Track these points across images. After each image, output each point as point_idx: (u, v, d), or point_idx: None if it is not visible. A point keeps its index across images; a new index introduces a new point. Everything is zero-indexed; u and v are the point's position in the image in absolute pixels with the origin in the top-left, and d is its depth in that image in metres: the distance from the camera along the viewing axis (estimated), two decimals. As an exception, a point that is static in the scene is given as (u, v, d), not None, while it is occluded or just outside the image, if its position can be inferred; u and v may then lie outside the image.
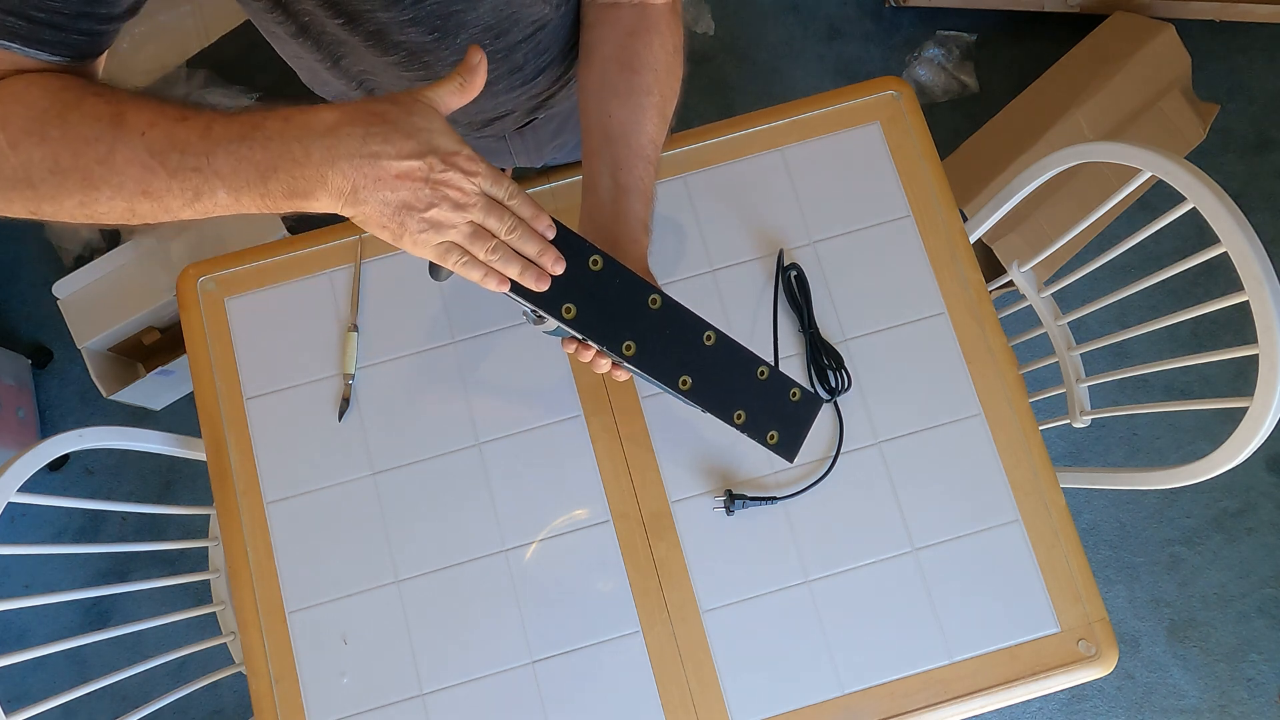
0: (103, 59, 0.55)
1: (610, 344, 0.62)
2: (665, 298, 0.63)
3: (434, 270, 0.60)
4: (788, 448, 0.71)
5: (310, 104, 0.51)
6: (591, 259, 0.61)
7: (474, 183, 0.52)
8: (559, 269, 0.58)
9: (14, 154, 0.49)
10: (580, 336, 0.63)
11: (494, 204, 0.53)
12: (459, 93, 0.53)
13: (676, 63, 0.69)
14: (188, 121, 0.49)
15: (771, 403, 0.69)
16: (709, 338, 0.65)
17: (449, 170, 0.50)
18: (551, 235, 0.58)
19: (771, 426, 0.70)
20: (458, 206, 0.52)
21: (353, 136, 0.48)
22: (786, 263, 0.92)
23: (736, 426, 0.69)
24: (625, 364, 0.65)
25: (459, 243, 0.53)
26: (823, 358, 0.89)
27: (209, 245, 1.60)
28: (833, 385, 0.89)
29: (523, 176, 1.00)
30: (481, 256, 0.54)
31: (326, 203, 0.50)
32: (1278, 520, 1.64)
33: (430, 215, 0.51)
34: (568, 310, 0.61)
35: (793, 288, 0.91)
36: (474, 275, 0.55)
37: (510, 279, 0.56)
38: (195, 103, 0.52)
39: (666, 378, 0.65)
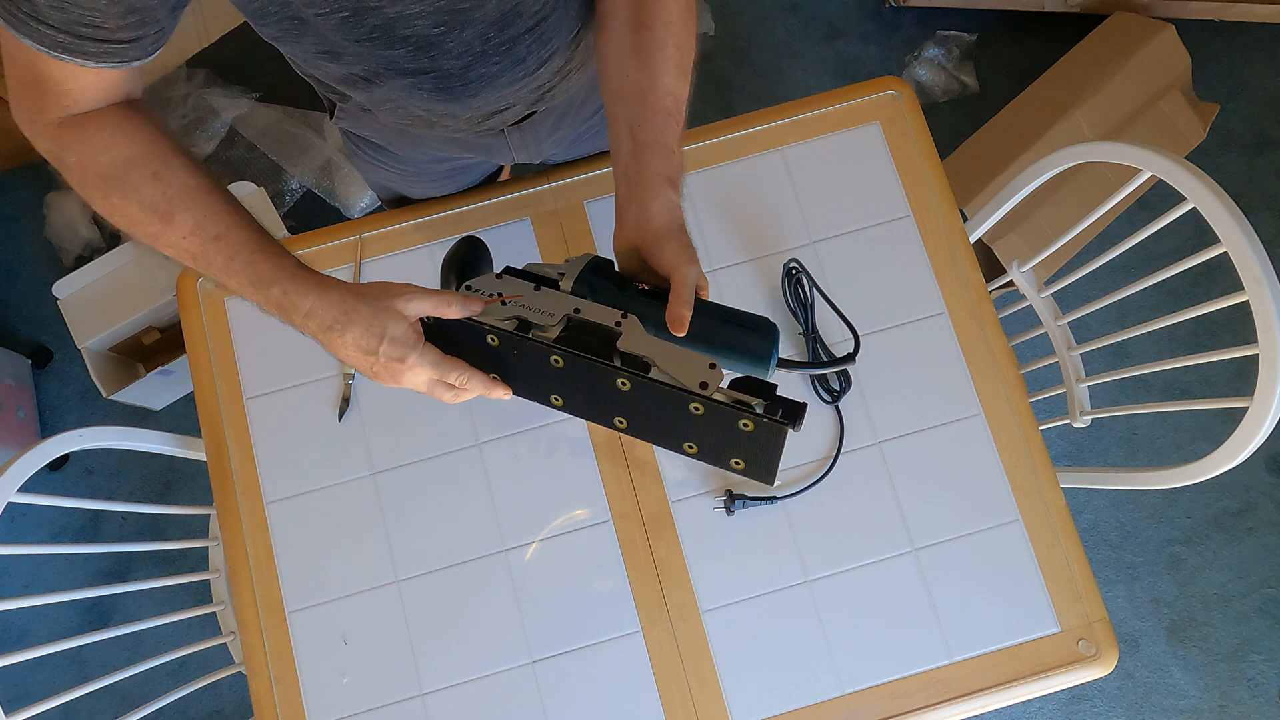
0: (154, 59, 0.61)
1: (538, 399, 0.68)
2: (567, 358, 0.62)
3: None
4: (759, 474, 0.64)
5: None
6: (489, 338, 0.64)
7: (415, 375, 0.65)
8: (506, 395, 0.69)
9: (81, 192, 0.63)
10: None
11: (438, 382, 0.67)
12: (437, 308, 0.64)
13: (690, 17, 0.68)
14: (219, 242, 0.62)
15: (722, 433, 0.61)
16: (623, 384, 0.61)
17: (393, 364, 0.64)
18: (507, 396, 0.69)
19: (733, 454, 0.63)
20: (407, 385, 0.66)
21: (321, 324, 0.63)
22: (791, 265, 0.91)
23: (692, 457, 0.65)
24: (564, 412, 0.68)
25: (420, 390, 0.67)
26: (821, 358, 0.89)
27: (209, 245, 1.59)
28: (835, 388, 0.89)
29: (522, 174, 1.00)
30: (444, 398, 0.68)
31: None
32: (1278, 520, 1.64)
33: (384, 381, 0.66)
34: (493, 377, 0.68)
35: (798, 290, 0.91)
36: (446, 398, 0.68)
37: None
38: (230, 209, 0.63)
39: (601, 420, 0.66)
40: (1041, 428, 0.91)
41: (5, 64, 0.58)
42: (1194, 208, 0.82)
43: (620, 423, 0.66)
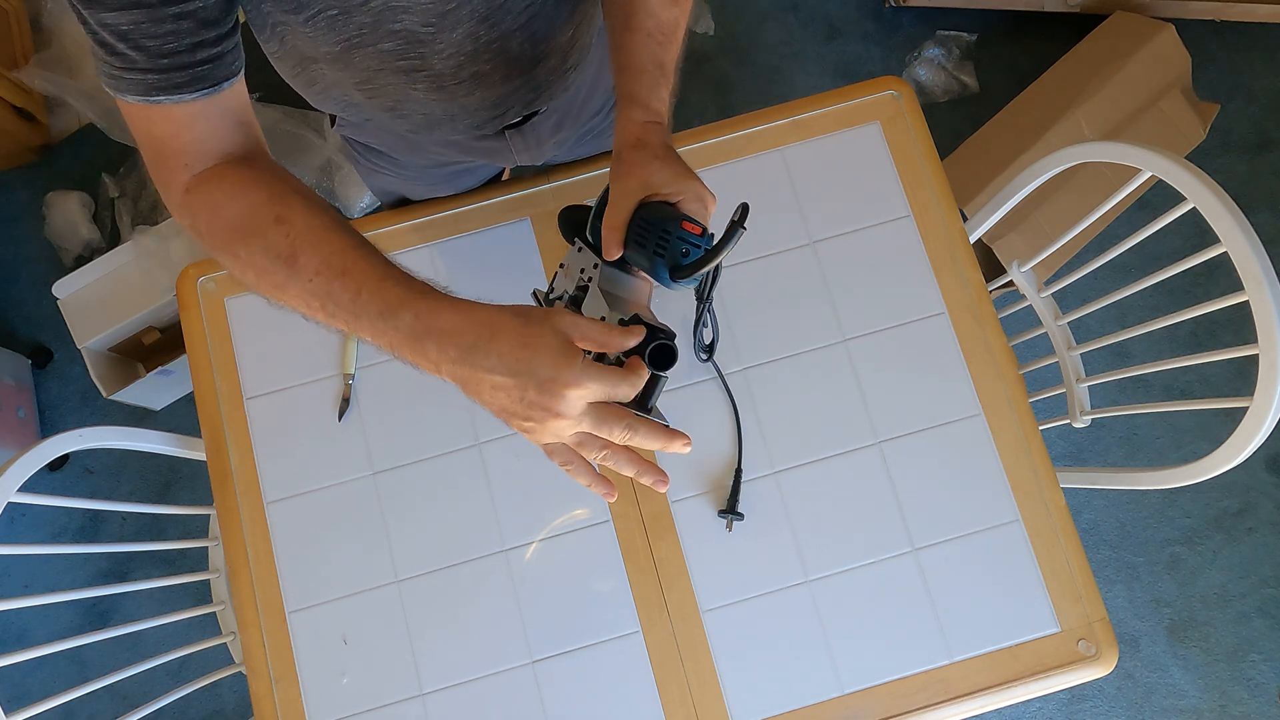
0: (240, 82, 0.60)
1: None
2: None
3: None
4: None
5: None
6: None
7: (567, 409, 0.54)
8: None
9: (215, 254, 0.60)
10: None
11: (599, 423, 0.56)
12: (602, 341, 0.56)
13: None
14: (345, 277, 0.56)
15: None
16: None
17: (543, 397, 0.53)
18: (687, 448, 0.60)
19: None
20: (554, 427, 0.55)
21: (460, 345, 0.54)
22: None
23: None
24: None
25: (567, 444, 0.58)
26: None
27: (209, 245, 1.59)
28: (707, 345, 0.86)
29: (522, 174, 1.00)
30: (590, 458, 0.59)
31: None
32: (1278, 520, 1.64)
33: (527, 426, 0.55)
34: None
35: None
36: (581, 480, 0.61)
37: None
38: (356, 243, 0.58)
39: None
40: (1041, 428, 0.91)
41: (140, 147, 0.60)
42: (1194, 208, 0.82)
43: None
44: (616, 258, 0.62)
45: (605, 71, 0.91)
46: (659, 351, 0.59)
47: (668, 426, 0.59)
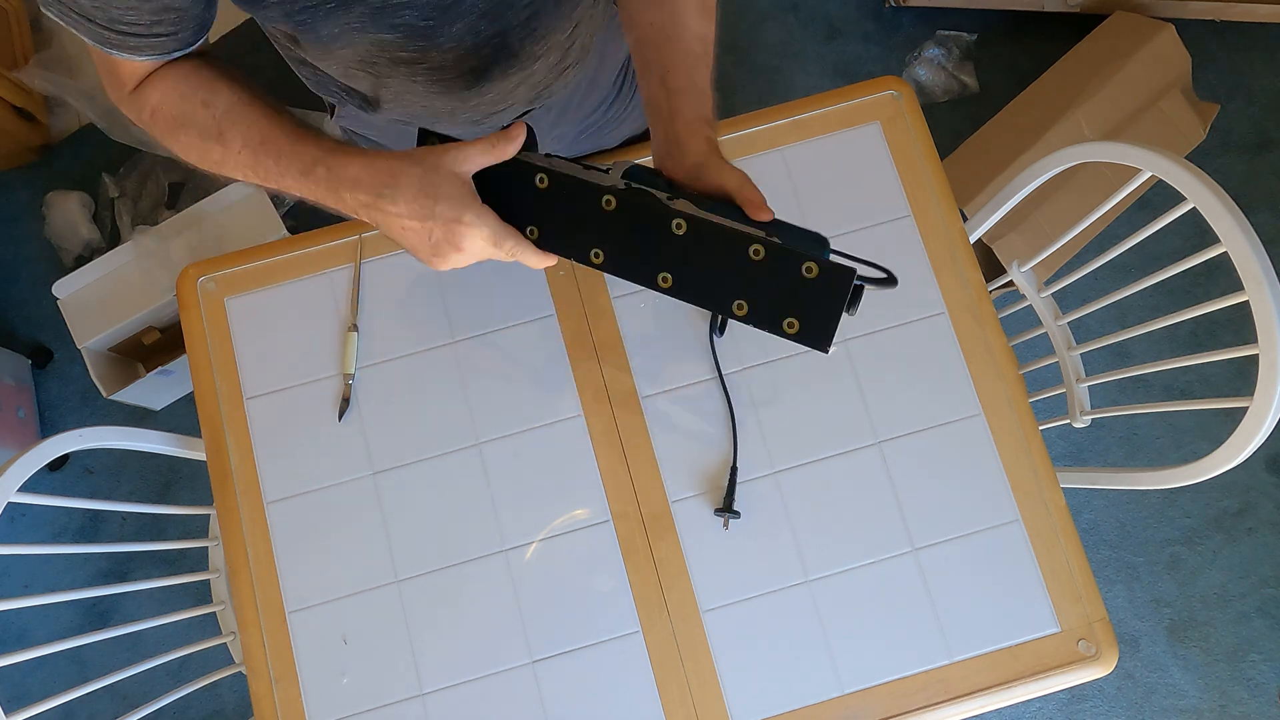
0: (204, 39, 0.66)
1: (577, 256, 0.64)
2: (620, 196, 0.60)
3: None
4: (815, 336, 0.59)
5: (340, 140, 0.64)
6: (538, 177, 0.63)
7: (473, 238, 0.62)
8: (551, 263, 0.67)
9: (164, 143, 0.67)
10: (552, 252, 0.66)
11: (488, 253, 0.64)
12: (488, 154, 0.62)
13: None
14: (266, 146, 0.64)
15: (780, 285, 0.58)
16: (679, 225, 0.58)
17: (451, 226, 0.61)
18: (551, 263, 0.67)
19: (787, 314, 0.59)
20: (455, 259, 0.63)
21: (369, 192, 0.61)
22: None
23: (741, 319, 0.60)
24: (604, 271, 0.64)
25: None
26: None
27: (209, 245, 1.60)
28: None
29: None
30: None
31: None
32: (1278, 520, 1.64)
33: (434, 260, 0.64)
34: (531, 232, 0.65)
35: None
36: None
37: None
38: (273, 114, 0.65)
39: (643, 279, 0.62)
40: (1041, 428, 0.91)
41: (90, 53, 0.65)
42: (1194, 208, 0.82)
43: (665, 280, 0.62)
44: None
45: (604, 68, 0.91)
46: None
47: (531, 231, 0.65)
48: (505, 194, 0.64)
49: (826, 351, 0.60)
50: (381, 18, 0.62)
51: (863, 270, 0.61)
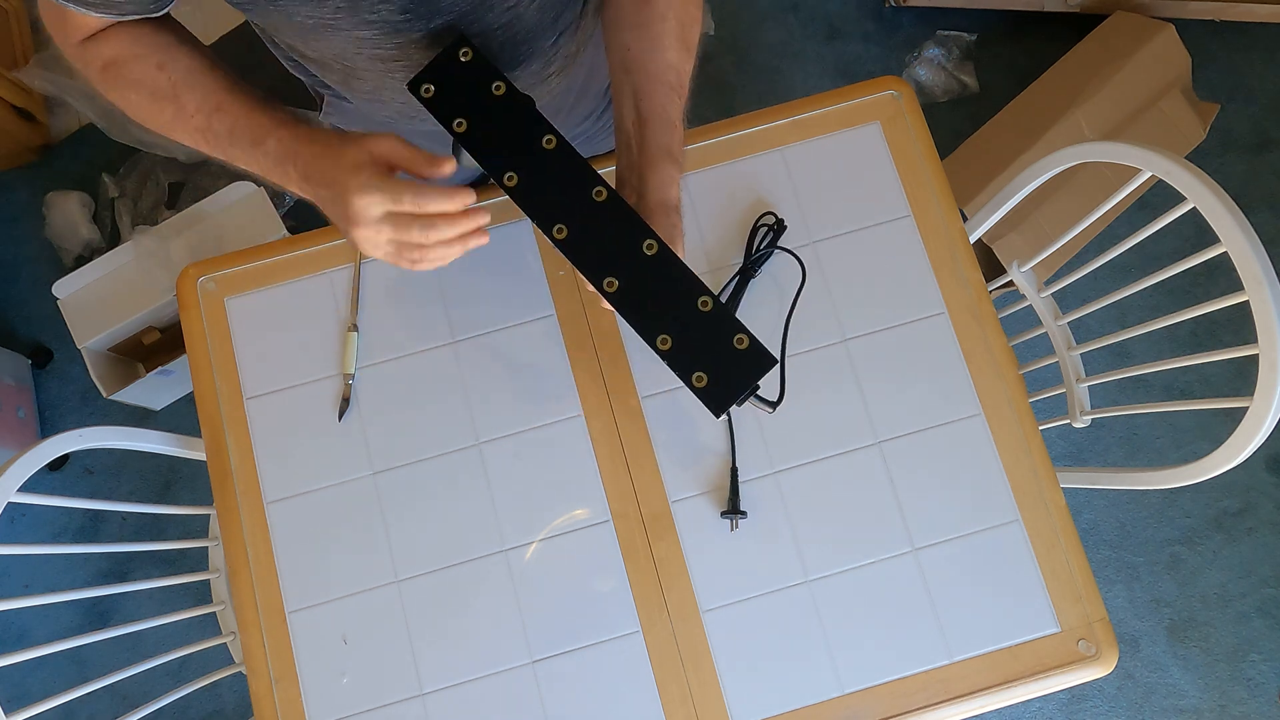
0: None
1: (542, 223, 0.63)
2: (611, 191, 0.61)
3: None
4: (717, 398, 0.61)
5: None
6: (545, 138, 0.63)
7: (365, 213, 0.60)
8: (483, 240, 0.64)
9: (108, 97, 0.67)
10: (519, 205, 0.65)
11: (397, 229, 0.61)
12: (415, 160, 0.61)
13: None
14: (220, 113, 0.64)
15: (708, 341, 0.61)
16: (650, 246, 0.59)
17: (339, 207, 0.60)
18: (468, 204, 0.63)
19: (701, 367, 0.61)
20: (359, 235, 0.61)
21: (304, 168, 0.62)
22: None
23: (659, 352, 0.61)
24: (560, 250, 0.64)
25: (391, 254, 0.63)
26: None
27: (209, 245, 1.60)
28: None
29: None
30: (411, 259, 0.64)
31: None
32: (1278, 520, 1.64)
33: (350, 238, 0.62)
34: (509, 179, 0.63)
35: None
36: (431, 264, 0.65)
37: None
38: (230, 81, 0.66)
39: (592, 272, 0.62)
40: (1041, 428, 0.91)
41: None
42: (1194, 208, 0.82)
43: (610, 285, 0.62)
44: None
45: (594, 79, 0.91)
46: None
47: (464, 212, 0.62)
48: (509, 135, 0.64)
49: (717, 417, 0.64)
50: (357, 11, 0.62)
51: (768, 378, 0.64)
